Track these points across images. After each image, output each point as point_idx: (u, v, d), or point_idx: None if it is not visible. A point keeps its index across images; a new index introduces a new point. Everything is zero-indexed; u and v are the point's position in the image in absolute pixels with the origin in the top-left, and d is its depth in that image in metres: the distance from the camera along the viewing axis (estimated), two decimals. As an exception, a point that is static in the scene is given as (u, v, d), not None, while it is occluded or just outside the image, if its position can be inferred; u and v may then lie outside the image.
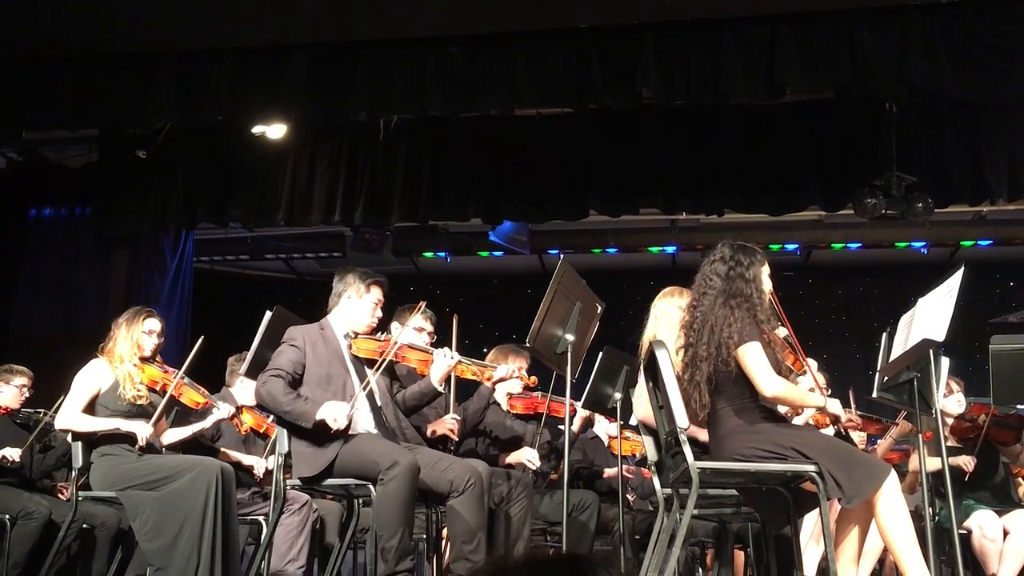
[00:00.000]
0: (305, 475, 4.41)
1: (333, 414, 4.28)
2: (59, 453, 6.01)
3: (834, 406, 3.92)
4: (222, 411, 5.30)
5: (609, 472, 6.16)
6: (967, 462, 5.54)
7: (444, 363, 4.63)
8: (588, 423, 6.26)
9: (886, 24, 6.48)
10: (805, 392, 3.88)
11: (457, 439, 5.11)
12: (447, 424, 5.04)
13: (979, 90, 6.66)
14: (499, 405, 5.78)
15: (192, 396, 5.12)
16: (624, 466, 5.62)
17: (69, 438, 4.97)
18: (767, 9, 6.58)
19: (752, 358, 3.69)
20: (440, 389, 4.71)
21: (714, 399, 3.79)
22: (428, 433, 5.01)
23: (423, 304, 4.94)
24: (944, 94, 6.81)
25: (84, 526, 5.62)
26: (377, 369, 4.56)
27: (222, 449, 5.78)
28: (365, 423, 4.53)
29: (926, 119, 7.64)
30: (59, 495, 6.02)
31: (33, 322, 8.71)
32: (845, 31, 6.52)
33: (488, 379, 4.87)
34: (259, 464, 5.78)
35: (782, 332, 3.93)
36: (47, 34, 6.94)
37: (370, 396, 4.62)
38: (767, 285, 3.89)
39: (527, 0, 6.62)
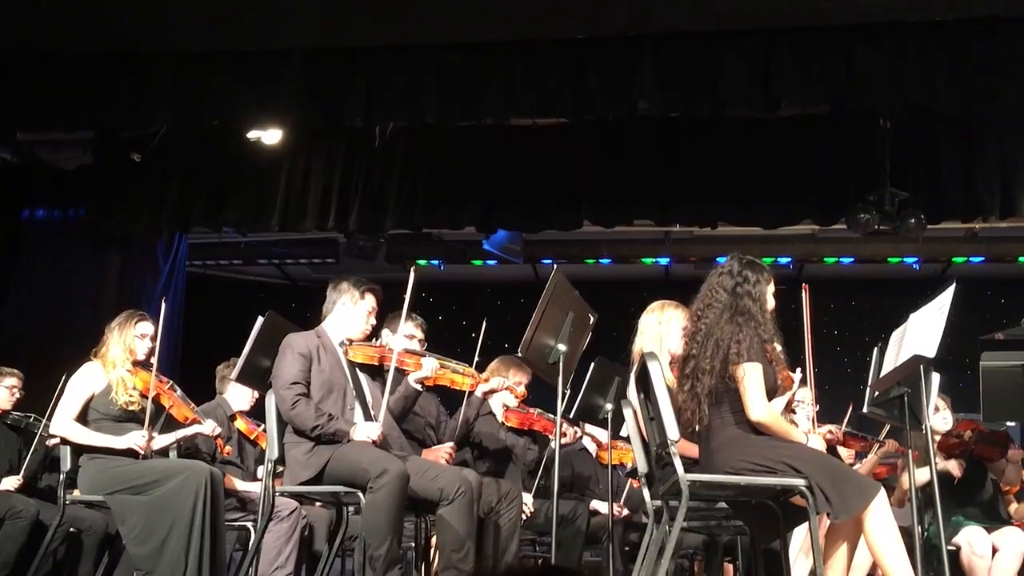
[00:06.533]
0: (301, 479, 4.42)
1: (366, 433, 4.40)
2: (40, 456, 6.01)
3: (816, 443, 3.92)
4: (205, 427, 5.28)
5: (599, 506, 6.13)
6: (956, 466, 5.55)
7: (428, 365, 4.75)
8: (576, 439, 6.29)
9: (882, 40, 6.49)
10: (790, 427, 3.88)
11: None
12: (440, 454, 5.07)
13: (974, 107, 6.67)
14: (494, 416, 5.77)
15: (183, 410, 5.13)
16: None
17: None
18: (764, 23, 6.59)
19: (750, 378, 3.72)
20: (417, 388, 4.80)
21: (712, 410, 3.79)
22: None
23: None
24: (939, 110, 6.84)
25: (71, 530, 5.59)
26: (390, 377, 4.60)
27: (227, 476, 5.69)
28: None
29: (920, 135, 7.66)
30: None
31: (25, 324, 8.66)
32: (841, 46, 6.52)
33: (473, 387, 4.95)
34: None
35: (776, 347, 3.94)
36: (42, 35, 6.92)
37: (363, 403, 4.62)
38: (771, 304, 3.91)
39: (525, 10, 6.63)
